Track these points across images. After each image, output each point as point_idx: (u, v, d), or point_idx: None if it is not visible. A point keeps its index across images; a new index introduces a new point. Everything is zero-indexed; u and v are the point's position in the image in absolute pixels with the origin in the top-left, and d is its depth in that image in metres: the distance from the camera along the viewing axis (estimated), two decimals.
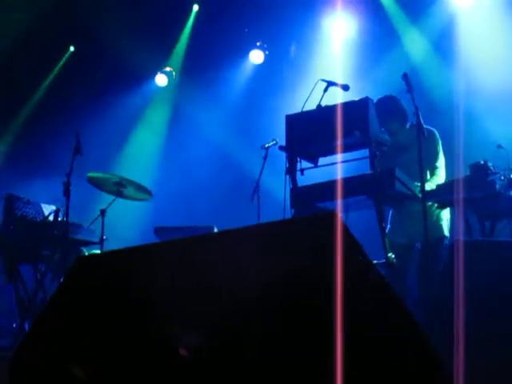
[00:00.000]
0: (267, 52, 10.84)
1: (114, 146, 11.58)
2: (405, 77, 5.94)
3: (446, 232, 6.56)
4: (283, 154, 5.95)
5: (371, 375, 2.30)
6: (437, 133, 6.68)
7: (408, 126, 6.67)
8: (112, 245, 7.37)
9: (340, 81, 6.43)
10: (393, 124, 6.66)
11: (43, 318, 3.17)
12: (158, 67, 11.69)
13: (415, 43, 9.55)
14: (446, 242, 6.51)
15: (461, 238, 6.07)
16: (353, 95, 6.07)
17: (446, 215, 6.58)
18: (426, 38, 9.48)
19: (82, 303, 2.97)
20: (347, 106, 5.64)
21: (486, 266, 5.05)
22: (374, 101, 5.97)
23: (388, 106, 6.64)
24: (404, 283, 6.29)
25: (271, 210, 8.52)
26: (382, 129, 6.03)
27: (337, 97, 6.22)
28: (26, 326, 7.25)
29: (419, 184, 5.82)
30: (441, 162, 6.65)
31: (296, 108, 6.09)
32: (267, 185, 8.26)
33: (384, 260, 5.66)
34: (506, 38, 8.95)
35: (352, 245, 2.33)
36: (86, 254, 7.71)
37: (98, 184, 7.63)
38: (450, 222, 6.64)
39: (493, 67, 8.83)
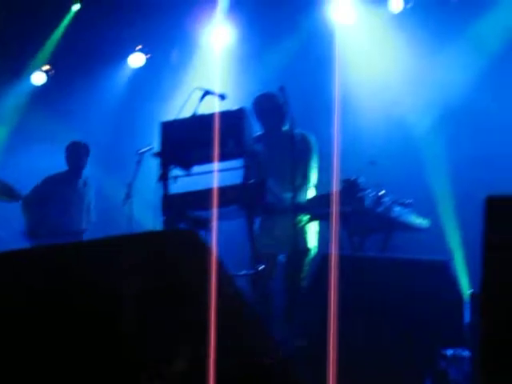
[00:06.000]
0: (148, 55, 10.71)
1: None
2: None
3: (313, 244, 6.62)
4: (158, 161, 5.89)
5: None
6: (312, 138, 6.74)
7: (286, 128, 6.68)
8: None
9: (219, 89, 6.42)
10: (270, 122, 6.69)
11: None
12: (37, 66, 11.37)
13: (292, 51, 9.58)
14: (313, 254, 6.58)
15: (331, 251, 6.16)
16: (231, 104, 6.06)
17: (313, 227, 6.64)
18: (304, 50, 9.52)
19: None
20: (223, 115, 5.62)
21: (355, 280, 5.12)
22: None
23: (266, 104, 6.67)
24: (270, 293, 6.30)
25: (143, 217, 8.47)
26: (262, 131, 5.99)
27: (215, 105, 6.20)
28: None
29: (291, 195, 5.87)
30: (313, 166, 6.74)
31: (175, 114, 6.04)
32: (140, 191, 8.16)
33: (252, 270, 5.67)
34: (385, 56, 9.12)
35: (209, 260, 2.30)
36: None
37: None
38: (319, 235, 6.71)
39: (372, 85, 8.98)
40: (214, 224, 5.59)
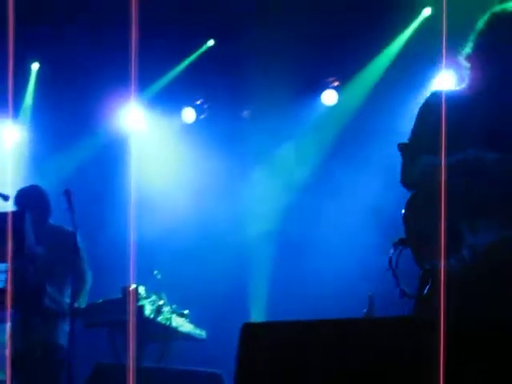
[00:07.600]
0: None
1: None
2: (66, 193, 5.88)
3: (64, 342, 6.33)
4: None
5: None
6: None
7: (53, 224, 6.48)
8: None
9: (2, 189, 6.29)
10: (33, 215, 6.49)
11: None
12: None
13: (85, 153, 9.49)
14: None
15: (107, 361, 6.11)
16: None
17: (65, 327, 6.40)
18: (99, 152, 9.45)
19: None
20: (4, 216, 5.48)
21: None
22: None
23: (28, 195, 6.43)
24: None
25: None
26: None
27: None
28: None
29: (69, 301, 5.79)
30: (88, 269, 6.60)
31: None
32: None
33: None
34: (177, 163, 9.17)
35: None
36: None
37: None
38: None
39: (165, 190, 8.99)
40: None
